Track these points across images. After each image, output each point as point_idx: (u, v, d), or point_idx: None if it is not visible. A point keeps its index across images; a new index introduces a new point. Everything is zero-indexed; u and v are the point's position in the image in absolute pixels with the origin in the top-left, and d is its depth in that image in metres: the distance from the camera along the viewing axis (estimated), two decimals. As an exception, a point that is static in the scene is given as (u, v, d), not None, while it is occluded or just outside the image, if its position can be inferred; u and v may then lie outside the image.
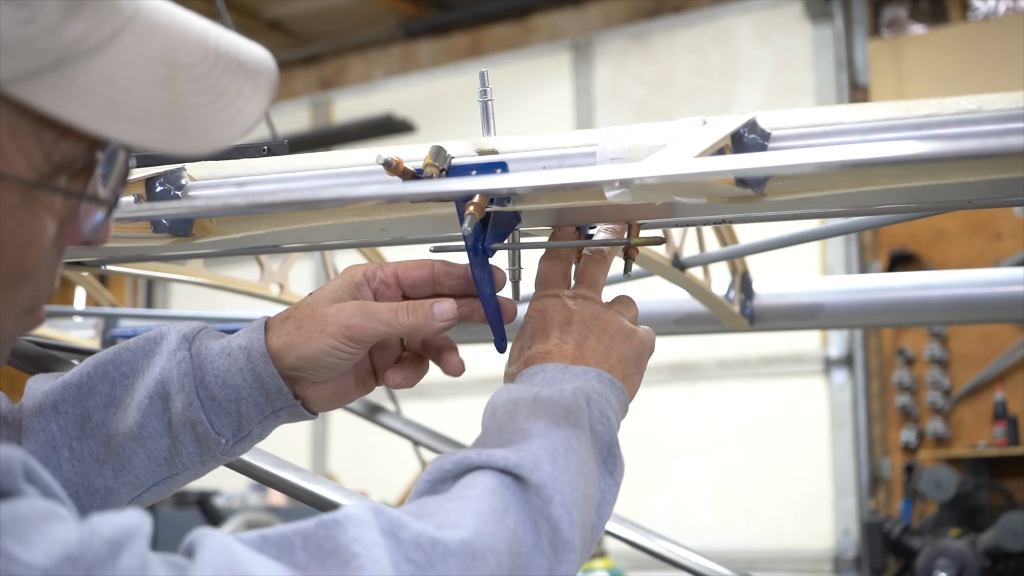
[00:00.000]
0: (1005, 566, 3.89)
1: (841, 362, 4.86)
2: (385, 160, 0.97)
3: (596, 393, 0.91)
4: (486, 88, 1.04)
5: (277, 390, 0.97)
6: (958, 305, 1.68)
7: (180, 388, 0.96)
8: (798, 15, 5.15)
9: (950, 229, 4.57)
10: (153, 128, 0.67)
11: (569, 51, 5.67)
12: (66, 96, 0.64)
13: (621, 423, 0.95)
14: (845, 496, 4.76)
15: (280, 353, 0.96)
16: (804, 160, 0.77)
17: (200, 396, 0.96)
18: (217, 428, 0.97)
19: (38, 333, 2.00)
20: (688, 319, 1.79)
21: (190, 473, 1.00)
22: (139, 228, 1.14)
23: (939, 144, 0.74)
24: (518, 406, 0.88)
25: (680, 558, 1.83)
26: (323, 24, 6.21)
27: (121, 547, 0.60)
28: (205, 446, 0.97)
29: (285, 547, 0.69)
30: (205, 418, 0.96)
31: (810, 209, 1.06)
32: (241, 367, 0.96)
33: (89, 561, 0.59)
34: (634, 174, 0.81)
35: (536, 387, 0.90)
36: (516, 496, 0.80)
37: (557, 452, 0.83)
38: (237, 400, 0.97)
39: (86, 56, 0.65)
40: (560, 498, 0.81)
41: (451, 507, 0.78)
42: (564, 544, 0.80)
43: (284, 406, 0.98)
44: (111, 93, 0.65)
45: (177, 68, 0.69)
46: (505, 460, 0.81)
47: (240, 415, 0.97)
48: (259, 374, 0.96)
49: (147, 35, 0.68)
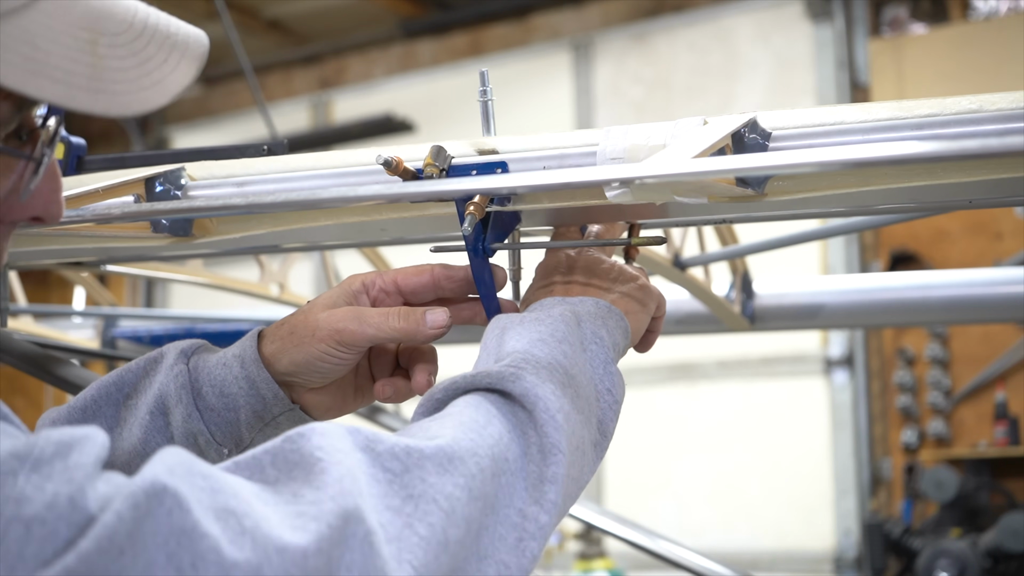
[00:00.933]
0: (1006, 567, 3.89)
1: (842, 362, 4.85)
2: (385, 160, 0.97)
3: (588, 315, 0.93)
4: (486, 88, 1.04)
5: (273, 395, 0.97)
6: (959, 305, 1.68)
7: (179, 401, 0.96)
8: (798, 15, 5.14)
9: (951, 229, 4.57)
10: (74, 88, 0.68)
11: (569, 51, 5.67)
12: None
13: (626, 348, 0.97)
14: (846, 496, 4.76)
15: (273, 359, 0.97)
16: (805, 160, 0.77)
17: (199, 407, 0.96)
18: (218, 438, 0.97)
19: (38, 333, 2.00)
20: (688, 319, 1.79)
21: None
22: (139, 228, 1.14)
23: (940, 144, 0.74)
24: (505, 330, 0.91)
25: (680, 558, 1.83)
26: (323, 24, 6.21)
27: (70, 448, 0.62)
28: (209, 458, 0.96)
29: (256, 468, 0.70)
30: (205, 428, 0.96)
31: (811, 209, 1.06)
32: (236, 375, 0.96)
33: (35, 456, 0.60)
34: (634, 174, 0.80)
35: (527, 314, 0.93)
36: (501, 409, 0.82)
37: (540, 363, 0.85)
38: (235, 409, 0.97)
39: (5, 16, 0.66)
40: (543, 404, 0.82)
41: (431, 424, 0.79)
42: (551, 448, 0.81)
43: (283, 411, 0.98)
44: (30, 52, 0.67)
45: (99, 34, 0.70)
46: (488, 377, 0.83)
47: (240, 423, 0.97)
48: (253, 380, 0.96)
49: (69, 4, 0.70)
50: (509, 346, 0.88)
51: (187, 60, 0.75)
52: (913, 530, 4.26)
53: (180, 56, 0.74)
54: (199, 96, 6.65)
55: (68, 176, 1.19)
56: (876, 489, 4.73)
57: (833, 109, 0.92)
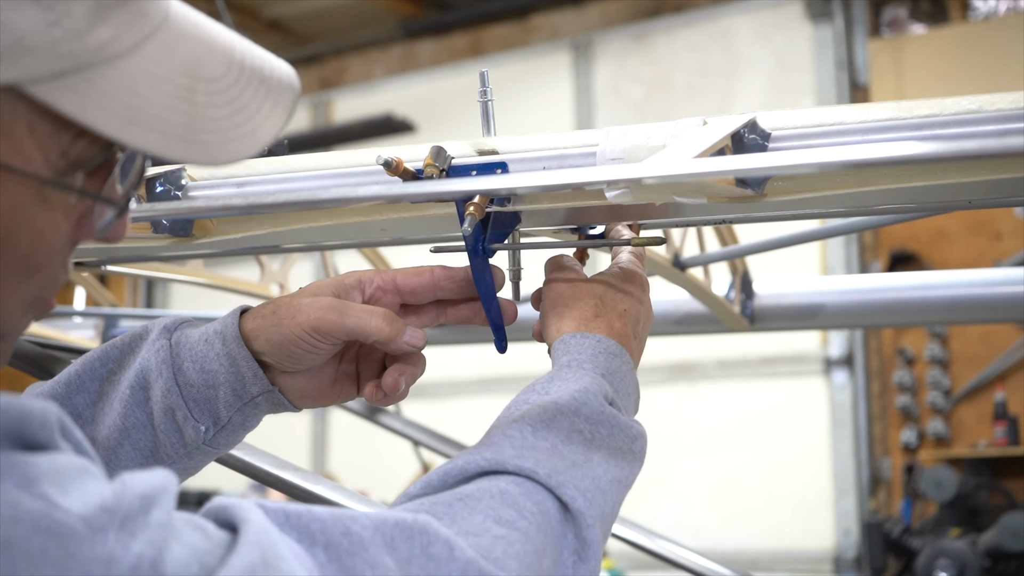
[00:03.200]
0: (1006, 566, 3.89)
1: (841, 362, 4.85)
2: (385, 160, 0.97)
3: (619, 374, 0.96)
4: (486, 88, 1.04)
5: (253, 374, 0.96)
6: (958, 305, 1.68)
7: (159, 375, 0.96)
8: (798, 15, 5.14)
9: (951, 229, 4.57)
10: (169, 137, 0.67)
11: (569, 51, 5.67)
12: (86, 99, 0.65)
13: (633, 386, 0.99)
14: (845, 496, 4.76)
15: (251, 336, 0.96)
16: (804, 160, 0.77)
17: (178, 382, 0.96)
18: (196, 415, 0.96)
19: (37, 333, 2.00)
20: (688, 319, 1.79)
21: (178, 466, 0.98)
22: (139, 228, 1.14)
23: (939, 144, 0.74)
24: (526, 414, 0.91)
25: (680, 558, 1.83)
26: (323, 24, 6.21)
27: (152, 502, 0.62)
28: (187, 435, 0.96)
29: (306, 535, 0.71)
30: (183, 404, 0.96)
31: (810, 209, 1.06)
32: (217, 352, 0.96)
33: (123, 512, 0.60)
34: (634, 174, 0.81)
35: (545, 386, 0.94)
36: (552, 522, 0.83)
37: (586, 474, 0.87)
38: (215, 386, 0.96)
39: (109, 61, 0.66)
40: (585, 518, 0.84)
41: (497, 534, 0.79)
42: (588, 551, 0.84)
43: (262, 392, 0.97)
44: (131, 100, 0.66)
45: (199, 80, 0.69)
46: (534, 473, 0.84)
47: (218, 401, 0.96)
48: (234, 358, 0.96)
49: (172, 45, 0.69)
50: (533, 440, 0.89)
51: (279, 109, 0.74)
52: (912, 530, 4.26)
53: (273, 104, 0.73)
54: (199, 96, 6.65)
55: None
56: (876, 489, 4.73)
57: (833, 109, 0.92)
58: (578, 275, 1.02)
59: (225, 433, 0.98)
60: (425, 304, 1.02)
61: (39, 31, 0.63)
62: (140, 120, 0.66)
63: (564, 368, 0.95)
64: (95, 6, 0.65)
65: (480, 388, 5.41)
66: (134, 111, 0.66)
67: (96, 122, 0.65)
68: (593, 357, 0.96)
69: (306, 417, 6.09)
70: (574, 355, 0.96)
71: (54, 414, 0.63)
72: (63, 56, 0.64)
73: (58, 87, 0.64)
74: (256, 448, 1.29)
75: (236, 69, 0.72)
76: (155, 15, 0.69)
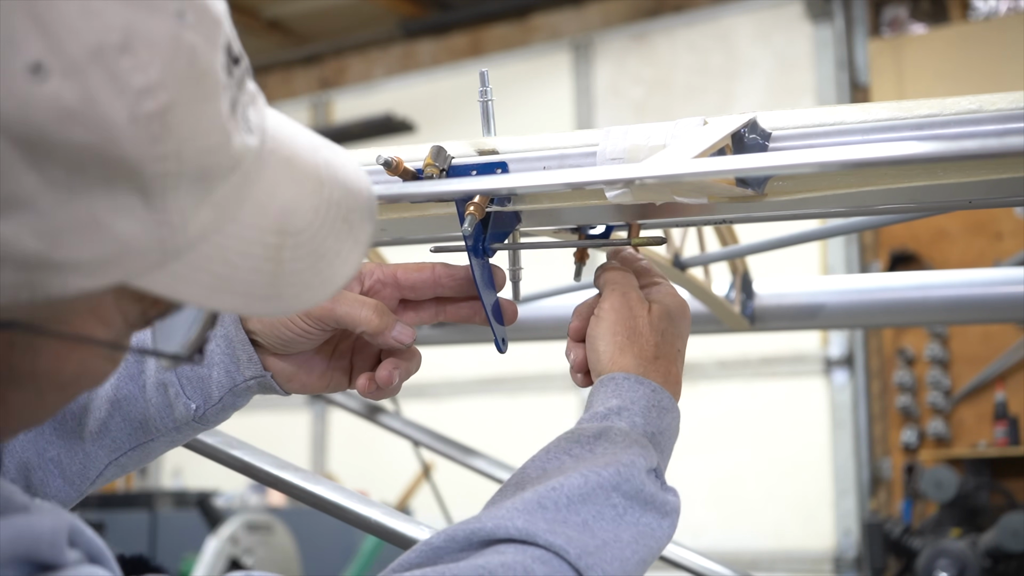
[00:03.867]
0: (1006, 566, 3.89)
1: (842, 362, 4.85)
2: (385, 160, 0.97)
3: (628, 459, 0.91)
4: (486, 88, 1.04)
5: (248, 357, 0.97)
6: (959, 305, 1.67)
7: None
8: (798, 15, 5.14)
9: (951, 229, 4.57)
10: (252, 298, 0.65)
11: (569, 51, 5.67)
12: (178, 279, 0.62)
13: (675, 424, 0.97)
14: (846, 496, 4.76)
15: (244, 317, 0.97)
16: (805, 160, 0.77)
17: None
18: (188, 392, 0.97)
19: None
20: (688, 319, 1.79)
21: (166, 440, 1.00)
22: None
23: (940, 144, 0.73)
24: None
25: (680, 558, 1.83)
26: (323, 24, 6.21)
27: None
28: (177, 411, 0.97)
29: None
30: (176, 380, 0.97)
31: (811, 209, 1.06)
32: (214, 332, 0.96)
33: None
34: (634, 174, 0.80)
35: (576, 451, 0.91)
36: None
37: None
38: (209, 365, 0.97)
39: (206, 238, 0.63)
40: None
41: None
42: None
43: (254, 376, 0.98)
44: (221, 270, 0.64)
45: (287, 235, 0.66)
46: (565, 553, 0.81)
47: (211, 381, 0.97)
48: (231, 339, 0.97)
49: (267, 201, 0.66)
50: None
51: (357, 248, 0.71)
52: (913, 530, 4.25)
53: (352, 244, 0.70)
54: (199, 96, 6.65)
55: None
56: (876, 489, 4.73)
57: (833, 109, 0.92)
58: (639, 299, 0.99)
59: (214, 411, 0.99)
60: (425, 301, 1.02)
61: (146, 233, 0.60)
62: (227, 287, 0.64)
63: (614, 416, 0.92)
64: (199, 188, 0.61)
65: (480, 388, 5.41)
66: (223, 280, 0.64)
67: (185, 296, 0.63)
68: (646, 411, 0.93)
69: (306, 417, 6.09)
70: (626, 403, 0.93)
71: (63, 530, 0.61)
72: (166, 251, 0.61)
73: (153, 274, 0.61)
74: (256, 448, 1.29)
75: (323, 211, 0.68)
76: (254, 164, 0.65)
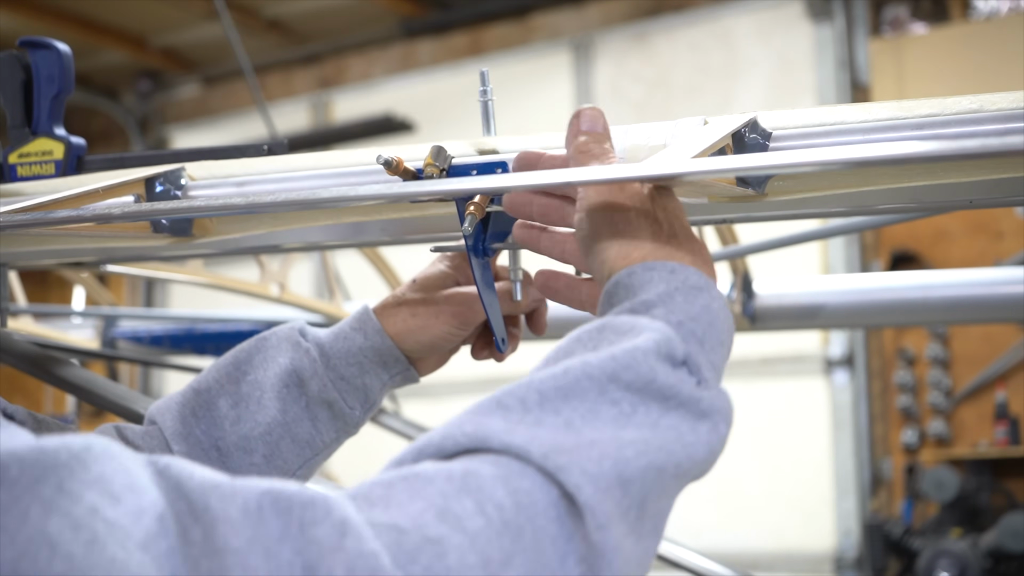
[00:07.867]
0: (1007, 567, 3.89)
1: (842, 362, 4.85)
2: (385, 160, 0.97)
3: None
4: (486, 88, 1.04)
5: (395, 360, 1.09)
6: (959, 305, 1.67)
7: (314, 374, 1.07)
8: (799, 14, 5.14)
9: (951, 229, 4.56)
10: None
11: (569, 50, 5.67)
12: None
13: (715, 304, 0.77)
14: (846, 497, 4.76)
15: (398, 339, 1.09)
16: (805, 160, 0.77)
17: (331, 378, 1.07)
18: (349, 403, 1.09)
19: (38, 333, 2.00)
20: (689, 319, 1.78)
21: (326, 452, 1.10)
22: (139, 228, 1.14)
23: (940, 144, 0.73)
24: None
25: (680, 558, 1.83)
26: (323, 23, 6.20)
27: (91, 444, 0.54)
28: (340, 421, 1.09)
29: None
30: (339, 397, 1.07)
31: (811, 209, 1.06)
32: (360, 346, 1.08)
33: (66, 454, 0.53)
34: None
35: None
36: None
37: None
38: (362, 375, 1.08)
39: None
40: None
41: (431, 535, 0.61)
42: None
43: (399, 372, 1.10)
44: None
45: None
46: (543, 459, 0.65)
47: (366, 388, 1.09)
48: (378, 350, 1.08)
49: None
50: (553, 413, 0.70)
51: None
52: (913, 530, 4.25)
53: None
54: (199, 96, 6.65)
55: (68, 176, 1.19)
56: (876, 489, 4.72)
57: (833, 109, 0.92)
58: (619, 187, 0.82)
59: (368, 412, 1.11)
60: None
61: None
62: None
63: (625, 314, 0.75)
64: None
65: (480, 388, 5.39)
66: None
67: None
68: (666, 297, 0.75)
69: (306, 417, 6.09)
70: (642, 296, 0.75)
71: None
72: None
73: None
74: (256, 448, 1.29)
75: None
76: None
